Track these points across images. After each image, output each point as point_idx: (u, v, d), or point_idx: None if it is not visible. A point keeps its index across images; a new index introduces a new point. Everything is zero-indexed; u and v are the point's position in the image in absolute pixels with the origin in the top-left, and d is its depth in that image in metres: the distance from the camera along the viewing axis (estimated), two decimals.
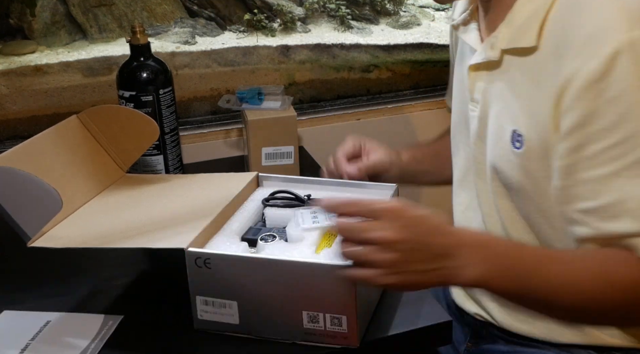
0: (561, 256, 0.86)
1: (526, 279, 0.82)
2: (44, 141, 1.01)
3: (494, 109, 0.96)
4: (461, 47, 1.07)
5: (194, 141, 1.45)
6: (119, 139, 1.09)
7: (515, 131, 0.91)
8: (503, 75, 0.94)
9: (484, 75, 0.97)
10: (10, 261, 1.07)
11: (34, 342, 0.87)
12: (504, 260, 0.82)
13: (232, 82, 1.53)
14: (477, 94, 0.99)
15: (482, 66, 0.97)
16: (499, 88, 0.95)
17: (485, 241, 0.83)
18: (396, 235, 0.76)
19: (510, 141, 0.92)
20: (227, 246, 0.88)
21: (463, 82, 1.04)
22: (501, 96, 0.95)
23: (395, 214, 0.77)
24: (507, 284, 0.82)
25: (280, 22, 1.61)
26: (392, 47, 1.64)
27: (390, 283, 0.77)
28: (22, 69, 1.42)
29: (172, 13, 1.58)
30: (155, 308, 0.94)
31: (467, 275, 0.79)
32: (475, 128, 1.00)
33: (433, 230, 0.79)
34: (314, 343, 0.84)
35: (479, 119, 0.99)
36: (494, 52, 0.94)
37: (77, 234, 0.92)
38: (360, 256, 0.77)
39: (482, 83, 0.98)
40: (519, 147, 0.91)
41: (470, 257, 0.79)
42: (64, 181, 0.98)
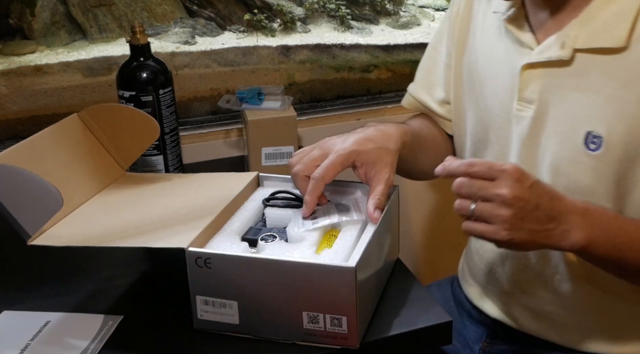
0: None
1: (623, 250, 0.87)
2: (45, 139, 1.01)
3: (558, 109, 0.93)
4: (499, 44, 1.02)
5: (194, 141, 1.45)
6: (119, 137, 1.09)
7: (590, 132, 0.90)
8: (573, 75, 0.92)
9: (541, 73, 0.95)
10: (10, 261, 1.07)
11: (33, 342, 0.87)
12: (608, 230, 0.87)
13: (232, 82, 1.53)
14: (530, 93, 0.96)
15: (542, 65, 0.95)
16: (565, 87, 0.93)
17: (592, 210, 0.88)
18: (514, 193, 0.81)
19: (583, 143, 0.91)
20: (228, 246, 0.88)
21: (493, 81, 1.02)
22: (569, 95, 0.92)
23: (512, 175, 0.82)
24: (604, 252, 0.87)
25: (280, 22, 1.61)
26: (392, 47, 1.63)
27: (502, 239, 0.82)
28: (22, 69, 1.42)
29: (172, 13, 1.58)
30: (155, 308, 0.94)
31: (571, 239, 0.85)
32: (526, 129, 0.97)
33: (547, 193, 0.84)
34: (313, 344, 0.84)
35: (532, 120, 0.96)
36: (565, 51, 0.91)
37: (77, 232, 0.92)
38: (480, 211, 0.82)
39: (539, 82, 0.95)
40: (594, 149, 0.90)
41: (577, 223, 0.85)
42: (64, 180, 0.98)
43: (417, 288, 0.96)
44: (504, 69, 1.01)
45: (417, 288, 0.96)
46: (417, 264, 1.68)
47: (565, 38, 0.91)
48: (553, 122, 0.94)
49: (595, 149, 0.90)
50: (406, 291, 0.95)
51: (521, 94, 0.97)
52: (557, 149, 0.94)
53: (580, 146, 0.91)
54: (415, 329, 0.88)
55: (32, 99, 1.43)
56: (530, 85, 0.96)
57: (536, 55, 0.95)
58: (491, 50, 1.04)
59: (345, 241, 0.88)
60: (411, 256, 1.67)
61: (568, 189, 0.93)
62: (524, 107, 0.97)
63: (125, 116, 1.10)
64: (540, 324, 1.04)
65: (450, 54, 1.14)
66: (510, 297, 1.06)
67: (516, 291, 1.05)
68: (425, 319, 0.89)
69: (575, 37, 0.91)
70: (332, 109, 1.57)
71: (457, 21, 1.11)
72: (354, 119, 1.55)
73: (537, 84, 0.95)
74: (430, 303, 0.92)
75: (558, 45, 0.92)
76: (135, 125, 1.09)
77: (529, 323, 1.05)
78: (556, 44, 0.92)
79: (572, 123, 0.92)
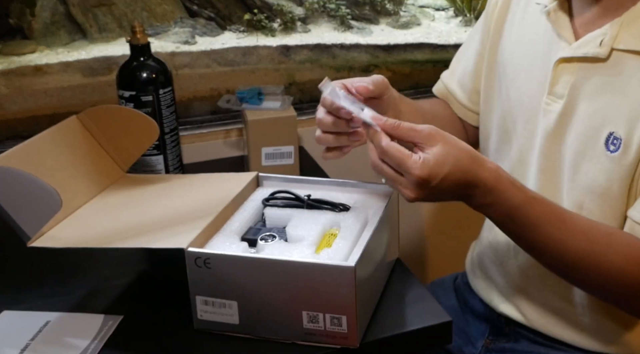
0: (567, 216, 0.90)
1: (522, 233, 0.88)
2: (44, 141, 1.01)
3: (586, 106, 0.93)
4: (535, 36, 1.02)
5: (194, 141, 1.45)
6: (119, 139, 1.09)
7: (612, 133, 0.90)
8: (607, 73, 0.92)
9: (575, 69, 0.95)
10: (10, 261, 1.07)
11: (34, 342, 0.87)
12: (511, 210, 0.86)
13: (232, 82, 1.53)
14: (561, 88, 0.96)
15: (577, 60, 0.94)
16: (596, 85, 0.93)
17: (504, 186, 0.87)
18: (416, 195, 0.84)
19: (604, 143, 0.91)
20: (227, 246, 0.88)
21: (528, 72, 1.02)
22: (599, 94, 0.92)
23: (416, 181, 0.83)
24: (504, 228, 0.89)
25: (280, 22, 1.61)
26: (392, 47, 1.64)
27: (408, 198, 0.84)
28: (22, 69, 1.42)
29: (172, 13, 1.58)
30: (155, 308, 0.94)
31: (476, 202, 0.86)
32: (552, 123, 0.97)
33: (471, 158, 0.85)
34: (313, 343, 0.84)
35: (559, 115, 0.96)
36: (602, 49, 0.91)
37: (77, 234, 0.92)
38: None
39: (571, 77, 0.95)
40: (613, 150, 0.90)
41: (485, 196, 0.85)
42: (64, 181, 0.98)
43: (417, 288, 0.96)
44: (539, 61, 1.01)
45: (417, 288, 0.96)
46: (417, 264, 1.68)
47: (605, 36, 0.91)
48: (578, 120, 0.94)
49: (614, 150, 0.90)
50: (406, 291, 0.95)
51: (552, 88, 0.97)
52: (579, 147, 0.94)
53: (601, 146, 0.91)
54: (415, 329, 0.88)
55: (32, 99, 1.43)
56: (562, 79, 0.96)
57: (573, 50, 0.94)
58: (528, 41, 1.04)
59: (344, 240, 0.88)
60: (411, 256, 1.67)
61: (585, 187, 0.94)
62: (552, 101, 0.97)
63: (124, 117, 1.10)
64: (548, 320, 1.04)
65: (484, 42, 1.14)
66: (520, 291, 1.06)
67: (527, 285, 1.05)
68: (425, 319, 0.89)
69: (614, 37, 0.90)
70: None
71: (496, 10, 1.11)
72: None
73: (569, 79, 0.95)
74: (431, 303, 0.92)
75: (597, 43, 0.91)
76: (134, 126, 1.09)
77: (538, 318, 1.05)
78: (595, 41, 0.92)
79: (596, 122, 0.92)
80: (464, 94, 1.19)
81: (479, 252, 1.17)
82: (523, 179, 1.02)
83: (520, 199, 0.87)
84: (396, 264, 1.01)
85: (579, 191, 0.95)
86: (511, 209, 0.86)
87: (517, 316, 1.08)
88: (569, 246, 0.88)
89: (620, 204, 0.91)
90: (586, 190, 0.93)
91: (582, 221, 0.90)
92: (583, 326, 1.01)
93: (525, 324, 1.07)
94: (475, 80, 1.16)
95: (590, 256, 0.88)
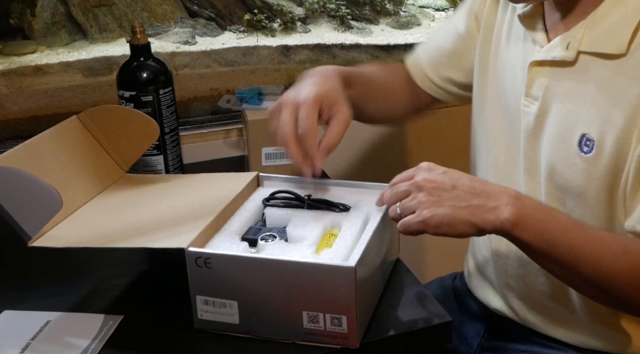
0: (589, 228, 0.89)
1: (553, 237, 0.84)
2: (44, 141, 1.02)
3: (559, 108, 0.94)
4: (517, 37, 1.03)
5: (194, 141, 1.45)
6: (119, 139, 1.09)
7: (584, 135, 0.90)
8: (575, 76, 0.92)
9: (547, 71, 0.96)
10: (11, 260, 1.07)
11: (34, 342, 0.87)
12: (537, 213, 0.85)
13: (232, 82, 1.53)
14: (535, 90, 0.97)
15: (549, 63, 0.95)
16: (567, 88, 0.93)
17: (524, 195, 0.87)
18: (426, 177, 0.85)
19: (577, 144, 0.91)
20: (228, 246, 0.88)
21: (512, 72, 1.02)
22: (570, 96, 0.93)
23: (423, 167, 0.87)
24: (535, 235, 0.84)
25: (280, 22, 1.61)
26: (392, 47, 1.64)
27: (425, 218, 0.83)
28: (22, 69, 1.42)
29: (172, 13, 1.58)
30: (155, 308, 0.94)
31: (500, 216, 0.83)
32: (530, 125, 0.98)
33: (465, 176, 0.86)
34: (313, 343, 0.84)
35: (535, 116, 0.97)
36: (569, 52, 0.91)
37: (77, 234, 0.92)
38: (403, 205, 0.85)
39: (545, 80, 0.96)
40: (587, 151, 0.90)
41: (507, 201, 0.84)
42: (64, 182, 0.98)
43: (417, 288, 0.96)
44: (519, 63, 1.02)
45: (417, 288, 0.96)
46: (417, 264, 1.68)
47: (571, 39, 0.92)
48: (552, 121, 0.95)
49: (588, 151, 0.90)
50: (406, 291, 0.95)
51: (528, 90, 0.98)
52: (554, 148, 0.94)
53: (575, 147, 0.92)
54: (415, 330, 0.88)
55: (32, 99, 1.43)
56: (536, 82, 0.97)
57: (544, 53, 0.95)
58: (513, 41, 1.05)
59: (345, 240, 0.88)
60: (411, 256, 1.67)
61: (562, 189, 0.94)
62: (529, 103, 0.98)
63: (125, 117, 1.10)
64: (540, 318, 1.04)
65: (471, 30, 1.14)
66: (512, 289, 1.07)
67: (519, 284, 1.05)
68: (426, 320, 0.89)
69: (580, 40, 0.91)
70: None
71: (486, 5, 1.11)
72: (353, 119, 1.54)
73: (543, 81, 0.96)
74: (431, 303, 0.92)
75: (564, 46, 0.92)
76: (134, 126, 1.09)
77: (530, 317, 1.05)
78: (562, 44, 0.93)
79: (569, 124, 0.93)
80: (432, 68, 1.19)
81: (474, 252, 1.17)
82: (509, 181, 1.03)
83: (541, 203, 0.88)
84: (396, 264, 1.01)
85: (557, 190, 0.95)
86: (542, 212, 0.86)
87: (510, 314, 1.08)
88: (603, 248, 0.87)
89: (598, 204, 0.92)
90: (563, 190, 0.94)
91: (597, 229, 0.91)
92: (576, 325, 1.01)
93: (518, 322, 1.07)
94: (448, 60, 1.17)
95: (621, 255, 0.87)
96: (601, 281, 0.85)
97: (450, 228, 0.83)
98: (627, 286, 0.85)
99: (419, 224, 0.83)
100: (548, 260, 0.87)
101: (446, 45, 1.18)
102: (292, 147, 0.93)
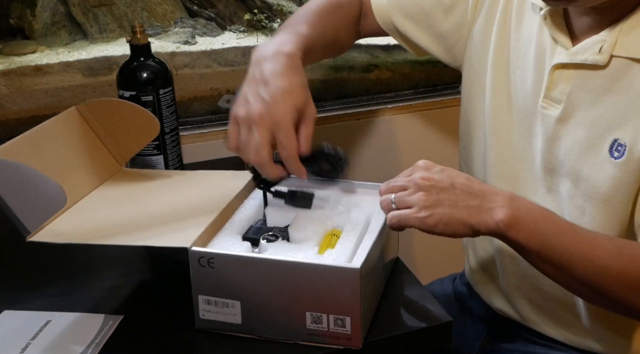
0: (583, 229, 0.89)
1: (547, 238, 0.84)
2: (43, 132, 1.00)
3: (586, 113, 0.93)
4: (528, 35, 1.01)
5: (194, 141, 1.45)
6: (118, 133, 1.08)
7: (616, 140, 0.89)
8: (606, 81, 0.91)
9: (572, 74, 0.94)
10: (11, 260, 1.07)
11: (34, 342, 0.87)
12: (532, 214, 0.85)
13: (232, 82, 1.53)
14: (558, 93, 0.95)
15: (574, 66, 0.93)
16: (596, 92, 0.92)
17: (517, 196, 0.87)
18: (424, 175, 0.85)
19: (608, 150, 0.90)
20: (230, 245, 0.87)
21: (522, 70, 1.01)
22: (599, 100, 0.91)
23: (421, 166, 0.87)
24: (529, 237, 0.84)
25: (281, 22, 1.61)
26: (392, 47, 1.63)
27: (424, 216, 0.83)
28: (22, 69, 1.42)
29: (172, 13, 1.58)
30: (155, 308, 0.94)
31: (495, 217, 0.83)
32: (551, 127, 0.96)
33: (463, 175, 0.86)
34: (316, 344, 0.83)
35: (557, 120, 0.95)
36: (602, 56, 0.90)
37: (77, 229, 0.91)
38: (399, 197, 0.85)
39: (569, 84, 0.94)
40: (617, 157, 0.89)
41: (503, 202, 0.84)
42: (62, 174, 0.97)
43: (417, 288, 0.96)
44: (532, 61, 0.99)
45: (418, 288, 0.96)
46: (417, 264, 1.68)
47: (604, 43, 0.90)
48: (578, 125, 0.93)
49: (619, 157, 0.89)
50: (407, 291, 0.95)
51: (549, 92, 0.96)
52: (582, 153, 0.93)
53: (605, 153, 0.90)
54: (415, 330, 0.88)
55: (32, 99, 1.42)
56: (559, 85, 0.95)
57: (570, 56, 0.93)
58: (524, 38, 1.02)
59: (347, 241, 0.88)
60: (411, 255, 1.67)
61: (587, 194, 0.93)
62: (549, 105, 0.96)
63: (125, 111, 1.08)
64: (544, 319, 1.04)
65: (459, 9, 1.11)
66: (518, 289, 1.06)
67: (524, 284, 1.05)
68: (426, 320, 0.89)
69: (614, 43, 0.89)
70: (332, 109, 1.57)
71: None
72: (353, 119, 1.54)
73: (567, 85, 0.94)
74: (431, 303, 0.92)
75: (595, 49, 0.90)
76: (134, 121, 1.08)
77: (534, 317, 1.05)
78: (593, 48, 0.91)
79: (598, 130, 0.91)
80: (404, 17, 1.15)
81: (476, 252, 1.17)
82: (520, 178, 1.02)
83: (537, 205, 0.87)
84: (397, 264, 1.01)
85: (581, 197, 0.94)
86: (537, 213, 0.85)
87: (513, 315, 1.08)
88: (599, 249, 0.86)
89: (623, 211, 0.91)
90: (588, 197, 0.93)
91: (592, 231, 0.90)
92: (579, 326, 1.01)
93: (521, 322, 1.07)
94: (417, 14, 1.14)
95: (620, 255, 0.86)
96: (595, 282, 0.85)
97: (447, 228, 0.83)
98: (621, 286, 0.85)
99: (415, 220, 0.83)
100: (542, 261, 0.86)
101: (423, 2, 1.13)
102: (271, 168, 0.88)
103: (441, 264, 1.49)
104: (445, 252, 1.47)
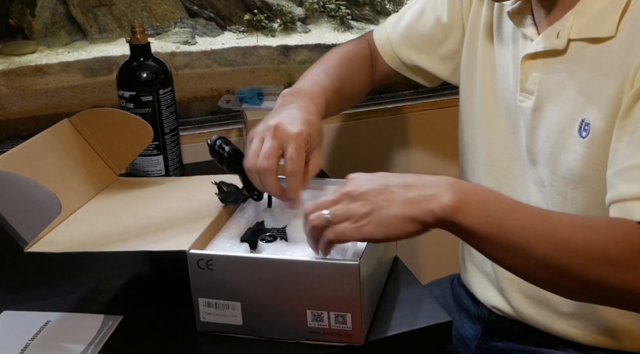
0: (538, 208, 0.86)
1: (501, 218, 0.78)
2: (36, 145, 1.01)
3: (555, 99, 0.95)
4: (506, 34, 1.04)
5: (194, 141, 1.45)
6: (111, 142, 1.09)
7: (583, 120, 0.91)
8: (568, 65, 0.94)
9: (540, 64, 0.97)
10: (10, 261, 1.07)
11: (33, 342, 0.87)
12: (480, 195, 0.79)
13: (232, 82, 1.53)
14: (530, 84, 0.98)
15: (540, 55, 0.96)
16: (560, 78, 0.94)
17: (462, 180, 0.81)
18: (357, 183, 0.79)
19: (577, 131, 0.92)
20: (228, 247, 0.87)
21: (504, 69, 1.03)
22: (564, 85, 0.94)
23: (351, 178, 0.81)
24: (479, 219, 0.78)
25: (280, 22, 1.61)
26: None
27: (371, 222, 0.77)
28: (22, 69, 1.42)
29: (172, 13, 1.58)
30: (155, 308, 0.94)
31: (439, 201, 0.76)
32: (528, 119, 0.99)
33: (395, 174, 0.81)
34: (318, 342, 0.84)
35: (532, 110, 0.98)
36: (560, 41, 0.93)
37: (75, 238, 0.92)
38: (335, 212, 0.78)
39: (538, 73, 0.97)
40: (585, 136, 0.91)
41: (446, 186, 0.78)
42: (57, 185, 0.97)
43: (417, 288, 0.96)
44: (510, 58, 1.03)
45: (417, 288, 0.96)
46: (416, 264, 1.68)
47: (561, 28, 0.93)
48: (551, 113, 0.96)
49: (586, 136, 0.91)
50: (406, 291, 0.95)
51: (523, 85, 0.99)
52: (555, 138, 0.95)
53: (575, 134, 0.92)
54: (415, 329, 0.88)
55: (32, 99, 1.43)
56: (530, 76, 0.98)
57: (535, 45, 0.97)
58: (504, 37, 1.05)
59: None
60: (411, 255, 1.67)
61: (566, 178, 0.94)
62: (525, 98, 0.99)
63: (117, 120, 1.09)
64: (539, 311, 1.04)
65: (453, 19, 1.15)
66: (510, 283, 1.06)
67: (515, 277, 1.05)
68: (425, 319, 0.89)
69: (569, 28, 0.92)
70: None
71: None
72: (354, 119, 1.54)
73: (537, 74, 0.97)
74: (430, 303, 0.92)
75: (554, 35, 0.94)
76: (127, 129, 1.08)
77: (529, 310, 1.05)
78: (552, 34, 0.94)
79: (567, 112, 0.93)
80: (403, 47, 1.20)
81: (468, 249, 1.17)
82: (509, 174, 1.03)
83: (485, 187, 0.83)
84: (396, 264, 1.01)
85: (561, 182, 0.95)
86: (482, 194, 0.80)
87: (508, 310, 1.08)
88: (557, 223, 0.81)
89: (600, 189, 0.89)
90: (567, 180, 0.94)
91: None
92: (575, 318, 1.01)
93: (517, 319, 1.07)
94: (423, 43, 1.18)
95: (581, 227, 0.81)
96: (556, 260, 0.78)
97: (388, 230, 0.77)
98: (585, 260, 0.78)
99: (353, 231, 0.78)
100: (496, 247, 0.79)
101: (424, 29, 1.18)
102: (273, 180, 0.88)
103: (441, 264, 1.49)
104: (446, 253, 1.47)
